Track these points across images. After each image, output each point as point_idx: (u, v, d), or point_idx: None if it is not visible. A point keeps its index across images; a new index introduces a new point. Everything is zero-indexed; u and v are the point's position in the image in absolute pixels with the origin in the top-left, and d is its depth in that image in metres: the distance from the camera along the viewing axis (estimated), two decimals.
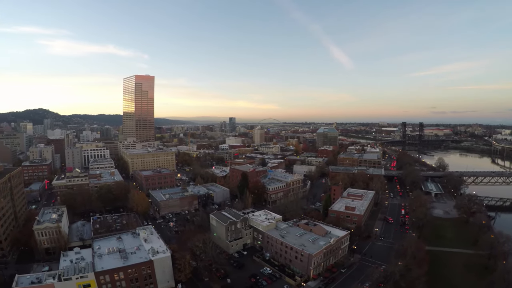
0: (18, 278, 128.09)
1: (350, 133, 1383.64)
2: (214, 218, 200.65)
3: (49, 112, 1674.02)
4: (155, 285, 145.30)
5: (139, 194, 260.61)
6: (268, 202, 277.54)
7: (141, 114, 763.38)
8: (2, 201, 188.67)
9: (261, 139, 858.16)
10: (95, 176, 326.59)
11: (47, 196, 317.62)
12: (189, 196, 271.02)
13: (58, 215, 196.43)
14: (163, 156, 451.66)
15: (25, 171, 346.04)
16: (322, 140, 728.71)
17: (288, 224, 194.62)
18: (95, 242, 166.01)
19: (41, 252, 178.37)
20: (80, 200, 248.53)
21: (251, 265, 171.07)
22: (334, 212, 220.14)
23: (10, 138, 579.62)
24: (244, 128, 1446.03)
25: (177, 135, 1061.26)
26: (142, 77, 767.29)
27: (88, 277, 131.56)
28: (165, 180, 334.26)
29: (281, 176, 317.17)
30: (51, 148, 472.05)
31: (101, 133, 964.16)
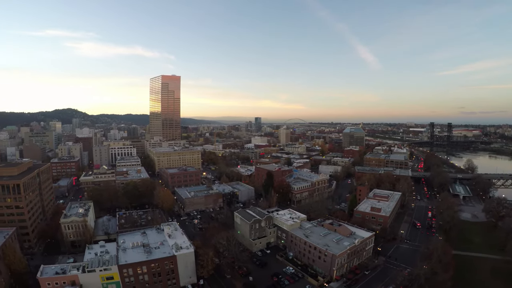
0: (43, 268, 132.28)
1: (376, 134, 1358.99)
2: (238, 216, 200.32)
3: (78, 112, 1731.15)
4: (177, 280, 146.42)
5: (164, 191, 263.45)
6: (293, 201, 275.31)
7: (168, 114, 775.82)
8: (31, 195, 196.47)
9: (287, 139, 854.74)
10: (122, 173, 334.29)
11: (74, 192, 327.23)
12: (214, 194, 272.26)
13: (85, 210, 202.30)
14: (189, 155, 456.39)
15: (53, 167, 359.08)
16: (349, 140, 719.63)
17: (313, 224, 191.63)
18: (120, 236, 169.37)
19: (67, 245, 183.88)
20: (106, 196, 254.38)
21: (274, 264, 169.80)
22: (360, 212, 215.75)
23: (39, 136, 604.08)
24: (270, 128, 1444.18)
25: (203, 135, 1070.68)
26: (168, 77, 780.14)
27: (112, 270, 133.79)
28: (190, 178, 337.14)
29: (307, 175, 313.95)
30: (79, 146, 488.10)
31: (128, 132, 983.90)
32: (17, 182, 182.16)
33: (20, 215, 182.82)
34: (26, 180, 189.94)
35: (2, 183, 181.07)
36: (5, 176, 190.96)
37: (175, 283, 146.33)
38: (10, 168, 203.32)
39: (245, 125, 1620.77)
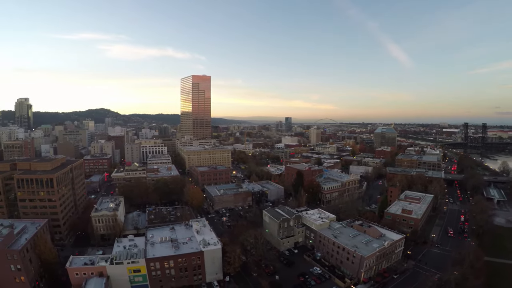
0: (72, 259, 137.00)
1: (408, 134, 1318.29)
2: (267, 215, 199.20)
3: (110, 112, 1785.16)
4: (203, 275, 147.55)
5: (194, 188, 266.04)
6: (323, 201, 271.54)
7: (198, 113, 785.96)
8: (64, 189, 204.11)
9: (317, 139, 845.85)
10: (153, 170, 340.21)
11: (106, 188, 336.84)
12: (243, 193, 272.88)
13: (115, 205, 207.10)
14: (219, 154, 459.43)
15: (86, 164, 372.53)
16: (380, 141, 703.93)
17: (342, 224, 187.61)
18: (149, 231, 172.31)
19: (97, 238, 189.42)
20: (137, 192, 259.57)
21: (301, 264, 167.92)
22: (390, 214, 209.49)
23: (73, 134, 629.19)
24: (300, 128, 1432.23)
25: (233, 134, 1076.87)
26: (199, 77, 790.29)
27: (139, 263, 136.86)
28: (220, 176, 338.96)
29: (337, 176, 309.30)
30: (111, 143, 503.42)
31: (159, 131, 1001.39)
32: (50, 177, 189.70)
33: (52, 208, 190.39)
34: (59, 175, 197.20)
35: (36, 177, 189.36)
36: (39, 171, 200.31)
37: (201, 279, 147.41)
38: (44, 163, 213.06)
39: (275, 125, 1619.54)
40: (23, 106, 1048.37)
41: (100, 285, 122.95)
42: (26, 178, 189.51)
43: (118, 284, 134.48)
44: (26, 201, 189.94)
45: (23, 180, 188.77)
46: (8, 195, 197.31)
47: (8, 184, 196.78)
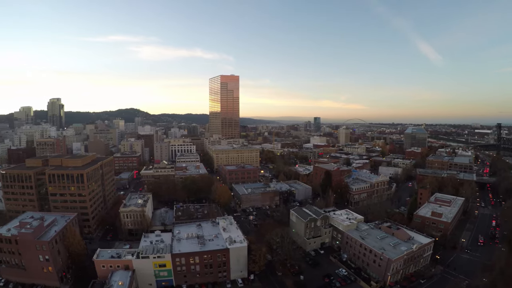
0: (99, 252, 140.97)
1: (439, 135, 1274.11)
2: (294, 214, 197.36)
3: (140, 111, 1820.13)
4: (228, 273, 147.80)
5: (222, 187, 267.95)
6: (351, 202, 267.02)
7: (227, 113, 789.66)
8: (93, 184, 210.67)
9: (346, 139, 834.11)
10: (181, 168, 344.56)
11: (135, 185, 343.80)
12: (271, 192, 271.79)
13: (144, 201, 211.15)
14: (248, 153, 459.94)
15: (116, 161, 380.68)
16: (410, 142, 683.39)
17: (370, 226, 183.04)
18: (176, 227, 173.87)
19: (124, 232, 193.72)
20: (165, 189, 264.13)
21: (327, 265, 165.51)
22: (419, 217, 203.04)
23: (103, 133, 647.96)
24: (329, 128, 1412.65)
25: (261, 134, 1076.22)
26: (227, 77, 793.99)
27: (165, 258, 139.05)
28: (248, 175, 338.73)
29: (366, 176, 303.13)
30: (141, 142, 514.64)
31: (188, 130, 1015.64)
32: (81, 172, 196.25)
33: (82, 202, 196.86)
34: (89, 171, 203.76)
35: (67, 173, 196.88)
36: (70, 167, 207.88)
37: (226, 276, 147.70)
38: (75, 159, 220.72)
39: (304, 125, 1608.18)
40: (55, 106, 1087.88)
41: (125, 278, 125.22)
42: (58, 173, 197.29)
43: (143, 278, 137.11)
44: (57, 195, 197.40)
45: (54, 175, 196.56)
46: (39, 189, 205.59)
47: (40, 179, 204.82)
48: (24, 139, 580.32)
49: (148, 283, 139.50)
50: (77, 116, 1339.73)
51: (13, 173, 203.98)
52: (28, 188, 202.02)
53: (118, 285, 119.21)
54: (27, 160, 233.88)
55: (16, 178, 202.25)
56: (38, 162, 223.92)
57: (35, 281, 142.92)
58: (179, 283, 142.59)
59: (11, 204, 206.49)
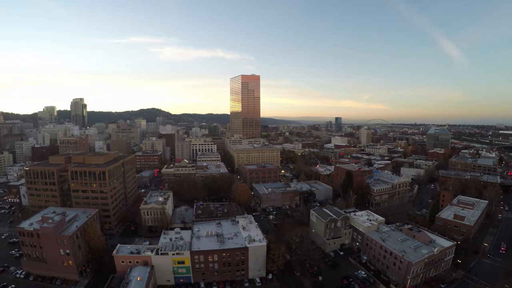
0: (119, 247, 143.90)
1: (463, 136, 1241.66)
2: (314, 214, 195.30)
3: (161, 111, 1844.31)
4: (246, 271, 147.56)
5: (242, 186, 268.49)
6: (372, 203, 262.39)
7: (248, 113, 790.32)
8: (115, 182, 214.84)
9: (367, 139, 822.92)
10: (202, 167, 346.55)
11: (156, 183, 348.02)
12: (291, 192, 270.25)
13: (164, 199, 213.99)
14: (268, 152, 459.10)
15: (137, 159, 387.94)
16: (433, 143, 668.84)
17: (391, 228, 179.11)
18: (195, 225, 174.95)
19: (144, 229, 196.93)
20: (186, 187, 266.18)
21: (346, 266, 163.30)
22: (441, 219, 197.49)
23: (125, 132, 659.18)
24: (350, 128, 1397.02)
25: (282, 134, 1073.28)
26: (248, 77, 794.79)
27: (184, 255, 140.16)
28: (268, 175, 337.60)
29: (387, 177, 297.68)
30: (162, 141, 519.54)
31: (209, 130, 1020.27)
32: (102, 170, 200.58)
33: (103, 199, 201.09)
34: (111, 169, 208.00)
35: (89, 170, 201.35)
36: (93, 164, 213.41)
37: (244, 275, 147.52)
38: (97, 157, 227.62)
39: (325, 125, 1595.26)
40: (78, 105, 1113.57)
41: (144, 273, 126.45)
42: (80, 170, 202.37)
43: (161, 274, 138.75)
44: (79, 191, 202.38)
45: (77, 172, 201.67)
46: (62, 185, 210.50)
47: (62, 175, 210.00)
48: (48, 138, 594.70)
49: (166, 279, 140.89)
50: (100, 115, 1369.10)
51: (36, 169, 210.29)
52: (51, 184, 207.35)
53: (137, 280, 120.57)
54: (50, 157, 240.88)
55: (39, 175, 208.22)
56: (61, 160, 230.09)
57: (55, 274, 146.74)
58: (197, 281, 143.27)
59: (34, 199, 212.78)
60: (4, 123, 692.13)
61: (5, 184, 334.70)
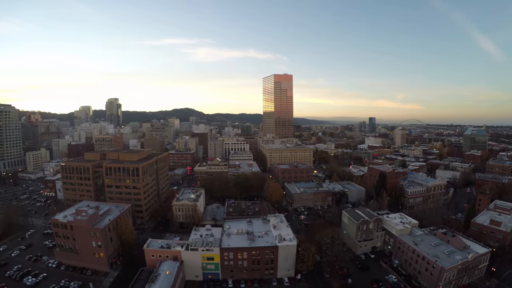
0: (150, 241, 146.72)
1: (501, 138, 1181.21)
2: (346, 215, 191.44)
3: (194, 111, 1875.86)
4: (275, 271, 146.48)
5: (274, 185, 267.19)
6: (405, 206, 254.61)
7: (280, 112, 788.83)
8: (148, 178, 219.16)
9: (402, 140, 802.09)
10: (234, 166, 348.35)
11: (188, 181, 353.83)
12: (323, 192, 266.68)
13: (196, 196, 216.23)
14: (301, 152, 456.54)
15: (170, 158, 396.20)
16: (469, 144, 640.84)
17: (424, 232, 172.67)
18: (226, 222, 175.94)
19: (176, 225, 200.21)
20: (217, 185, 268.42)
21: (376, 270, 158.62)
22: (477, 225, 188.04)
23: (159, 131, 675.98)
24: (384, 129, 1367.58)
25: (315, 134, 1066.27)
26: (280, 76, 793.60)
27: (213, 251, 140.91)
28: (301, 175, 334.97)
29: (422, 179, 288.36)
30: (195, 140, 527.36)
31: (242, 129, 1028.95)
32: (136, 166, 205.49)
33: (136, 195, 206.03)
34: (145, 165, 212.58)
35: (123, 166, 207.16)
36: (127, 161, 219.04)
37: (272, 274, 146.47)
38: (131, 154, 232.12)
39: (358, 125, 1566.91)
40: (113, 105, 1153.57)
41: (173, 268, 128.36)
42: (114, 166, 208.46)
43: (190, 270, 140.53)
44: (113, 187, 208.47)
45: (111, 168, 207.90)
46: (96, 181, 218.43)
47: (97, 171, 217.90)
48: (84, 136, 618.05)
49: (194, 275, 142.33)
50: (134, 115, 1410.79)
51: (72, 165, 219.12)
52: (86, 180, 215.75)
53: (166, 274, 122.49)
54: (86, 153, 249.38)
55: (75, 170, 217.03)
56: (96, 156, 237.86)
57: (86, 265, 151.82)
58: (225, 277, 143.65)
59: (69, 193, 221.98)
60: (42, 122, 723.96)
61: (42, 179, 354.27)
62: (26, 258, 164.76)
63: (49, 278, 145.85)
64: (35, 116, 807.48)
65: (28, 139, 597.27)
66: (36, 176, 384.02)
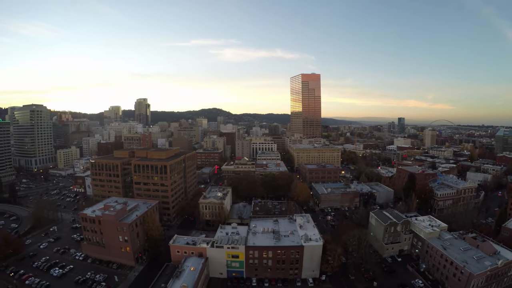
0: (176, 237, 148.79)
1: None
2: (373, 217, 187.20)
3: (222, 111, 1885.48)
4: (299, 271, 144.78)
5: (301, 185, 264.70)
6: (434, 209, 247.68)
7: (308, 112, 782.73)
8: (176, 176, 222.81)
9: (432, 141, 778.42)
10: (261, 165, 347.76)
11: (215, 179, 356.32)
12: (351, 193, 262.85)
13: (223, 194, 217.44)
14: (329, 152, 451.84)
15: (198, 156, 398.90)
16: (502, 146, 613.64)
17: (453, 236, 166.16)
18: (252, 221, 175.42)
19: (202, 223, 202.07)
20: (244, 184, 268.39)
21: (403, 274, 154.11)
22: (508, 230, 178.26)
23: (187, 130, 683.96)
24: (413, 129, 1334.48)
25: (343, 134, 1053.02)
26: (308, 76, 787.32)
27: (239, 249, 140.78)
28: (328, 175, 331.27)
29: (452, 181, 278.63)
30: (222, 139, 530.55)
31: (269, 129, 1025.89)
32: (164, 164, 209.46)
33: (164, 192, 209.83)
34: (173, 163, 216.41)
35: (152, 164, 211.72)
36: (155, 159, 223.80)
37: (297, 274, 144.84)
38: (160, 152, 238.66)
39: (387, 125, 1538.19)
40: (142, 105, 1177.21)
41: (198, 264, 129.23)
42: (143, 164, 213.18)
43: (215, 267, 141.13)
44: (141, 184, 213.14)
45: (139, 165, 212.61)
46: (125, 178, 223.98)
47: (126, 168, 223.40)
48: (113, 135, 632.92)
49: (219, 272, 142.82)
50: (162, 115, 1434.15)
51: (101, 162, 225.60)
52: (115, 176, 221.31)
53: (190, 270, 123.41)
54: (115, 151, 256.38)
55: (104, 167, 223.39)
56: (125, 154, 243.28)
57: (112, 258, 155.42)
58: (249, 276, 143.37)
59: (98, 189, 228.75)
60: (72, 121, 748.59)
61: (72, 175, 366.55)
62: (54, 250, 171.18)
63: (75, 270, 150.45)
64: (66, 115, 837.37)
65: (59, 137, 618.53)
66: (66, 173, 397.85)
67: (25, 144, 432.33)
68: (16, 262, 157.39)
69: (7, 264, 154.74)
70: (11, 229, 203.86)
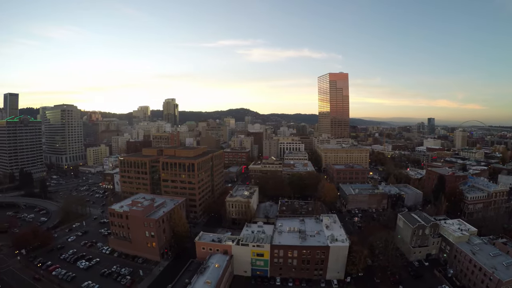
0: (202, 234, 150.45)
1: None
2: (401, 219, 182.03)
3: (250, 111, 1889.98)
4: (324, 272, 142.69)
5: (328, 185, 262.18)
6: (464, 212, 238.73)
7: (337, 112, 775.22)
8: (203, 174, 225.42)
9: (462, 143, 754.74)
10: (289, 165, 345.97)
11: (242, 179, 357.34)
12: (379, 194, 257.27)
13: (250, 193, 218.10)
14: (357, 153, 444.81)
15: (225, 155, 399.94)
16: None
17: (483, 240, 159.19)
18: (278, 220, 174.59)
19: (228, 221, 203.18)
20: (272, 184, 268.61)
21: (429, 279, 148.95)
22: None
23: (215, 130, 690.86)
24: (444, 130, 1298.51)
25: (372, 135, 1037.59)
26: (336, 75, 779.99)
27: (264, 248, 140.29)
28: (356, 176, 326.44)
29: (483, 184, 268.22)
30: (250, 139, 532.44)
31: (297, 129, 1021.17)
32: (192, 162, 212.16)
33: (191, 190, 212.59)
34: (200, 162, 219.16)
35: (180, 162, 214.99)
36: (183, 157, 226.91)
37: (321, 275, 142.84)
38: (188, 150, 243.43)
39: (416, 126, 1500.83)
40: (170, 105, 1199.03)
41: (222, 261, 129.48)
42: (171, 162, 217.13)
43: (239, 264, 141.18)
44: (168, 181, 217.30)
45: (167, 163, 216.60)
46: (153, 175, 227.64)
47: (154, 166, 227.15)
48: (142, 134, 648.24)
49: (243, 270, 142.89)
50: (190, 115, 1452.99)
51: (130, 159, 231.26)
52: (143, 173, 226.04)
53: (215, 267, 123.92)
54: (143, 149, 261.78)
55: (133, 164, 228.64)
56: (153, 152, 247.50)
57: (138, 253, 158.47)
58: (273, 275, 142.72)
59: (126, 186, 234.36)
60: (102, 121, 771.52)
61: (101, 172, 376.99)
62: (82, 243, 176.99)
63: (101, 263, 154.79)
64: (96, 115, 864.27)
65: (89, 136, 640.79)
66: (95, 170, 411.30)
67: (56, 142, 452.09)
68: (44, 254, 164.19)
69: (35, 255, 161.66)
70: (40, 222, 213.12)
